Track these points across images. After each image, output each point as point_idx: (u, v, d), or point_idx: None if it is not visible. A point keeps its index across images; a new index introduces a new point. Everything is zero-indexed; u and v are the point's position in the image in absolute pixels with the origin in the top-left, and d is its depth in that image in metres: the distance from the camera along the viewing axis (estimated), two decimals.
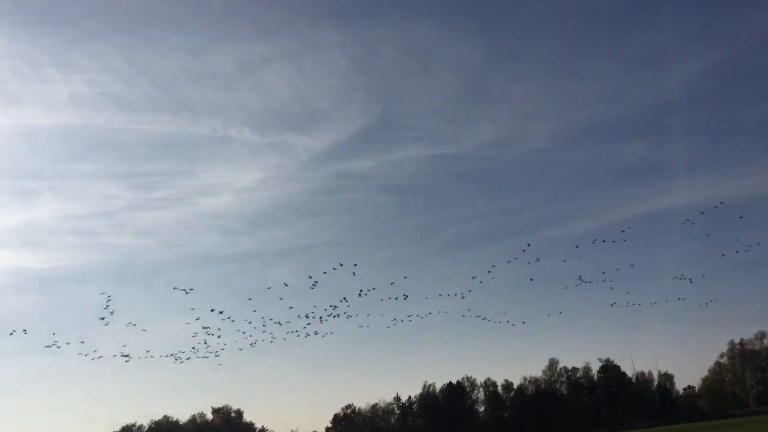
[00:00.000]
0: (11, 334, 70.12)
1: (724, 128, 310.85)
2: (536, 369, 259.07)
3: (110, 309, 72.51)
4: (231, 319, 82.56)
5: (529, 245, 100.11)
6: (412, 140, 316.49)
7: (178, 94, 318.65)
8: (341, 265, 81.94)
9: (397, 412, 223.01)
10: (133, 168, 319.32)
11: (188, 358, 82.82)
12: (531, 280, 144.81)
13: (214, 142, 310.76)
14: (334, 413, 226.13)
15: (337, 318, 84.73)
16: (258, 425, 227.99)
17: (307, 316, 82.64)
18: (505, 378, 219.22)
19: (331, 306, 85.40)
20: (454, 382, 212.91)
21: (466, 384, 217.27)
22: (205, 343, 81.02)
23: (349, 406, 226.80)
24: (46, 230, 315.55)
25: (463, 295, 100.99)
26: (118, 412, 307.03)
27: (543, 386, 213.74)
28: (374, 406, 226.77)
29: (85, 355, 78.04)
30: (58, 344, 76.52)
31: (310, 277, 78.24)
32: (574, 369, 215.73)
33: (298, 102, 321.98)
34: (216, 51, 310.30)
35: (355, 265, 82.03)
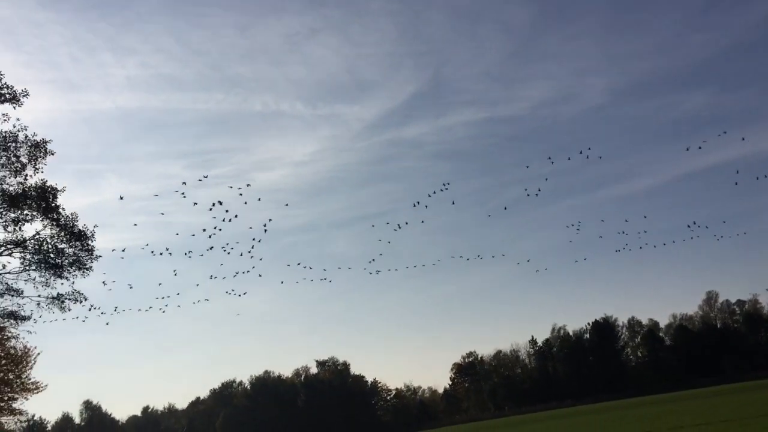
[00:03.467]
0: (115, 310, 58.79)
1: None
2: (686, 305, 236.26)
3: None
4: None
5: None
6: (464, 104, 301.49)
7: (229, 72, 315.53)
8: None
9: (525, 359, 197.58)
10: (190, 147, 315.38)
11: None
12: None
13: (267, 117, 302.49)
14: (454, 362, 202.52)
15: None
16: (368, 378, 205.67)
17: None
18: (649, 317, 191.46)
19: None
20: (600, 321, 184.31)
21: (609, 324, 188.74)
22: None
23: (470, 354, 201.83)
24: (111, 211, 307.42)
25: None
26: (216, 373, 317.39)
27: (699, 323, 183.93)
28: (498, 353, 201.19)
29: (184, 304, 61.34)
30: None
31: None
32: (740, 302, 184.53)
33: (348, 72, 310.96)
34: (263, 26, 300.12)
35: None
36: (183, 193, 59.14)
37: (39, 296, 40.50)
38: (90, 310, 59.25)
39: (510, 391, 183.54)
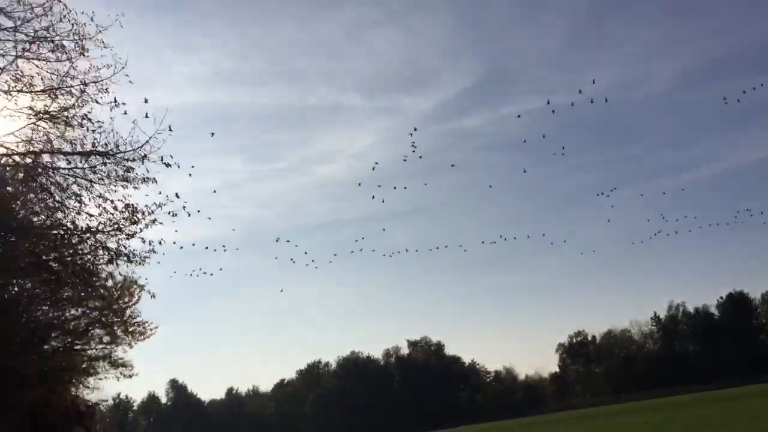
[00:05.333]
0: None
1: None
2: None
3: None
4: None
5: None
6: (524, 92, 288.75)
7: (289, 65, 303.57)
8: None
9: (638, 339, 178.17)
10: (250, 140, 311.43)
11: None
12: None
13: (327, 109, 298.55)
14: (559, 342, 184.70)
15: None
16: (465, 359, 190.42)
17: None
18: None
19: None
20: (734, 294, 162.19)
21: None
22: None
23: (579, 333, 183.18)
24: (178, 206, 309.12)
25: None
26: (295, 356, 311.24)
27: None
28: (609, 333, 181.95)
29: None
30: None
31: None
32: None
33: (406, 63, 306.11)
34: (322, 18, 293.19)
35: None
36: None
37: None
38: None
39: (629, 374, 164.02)
